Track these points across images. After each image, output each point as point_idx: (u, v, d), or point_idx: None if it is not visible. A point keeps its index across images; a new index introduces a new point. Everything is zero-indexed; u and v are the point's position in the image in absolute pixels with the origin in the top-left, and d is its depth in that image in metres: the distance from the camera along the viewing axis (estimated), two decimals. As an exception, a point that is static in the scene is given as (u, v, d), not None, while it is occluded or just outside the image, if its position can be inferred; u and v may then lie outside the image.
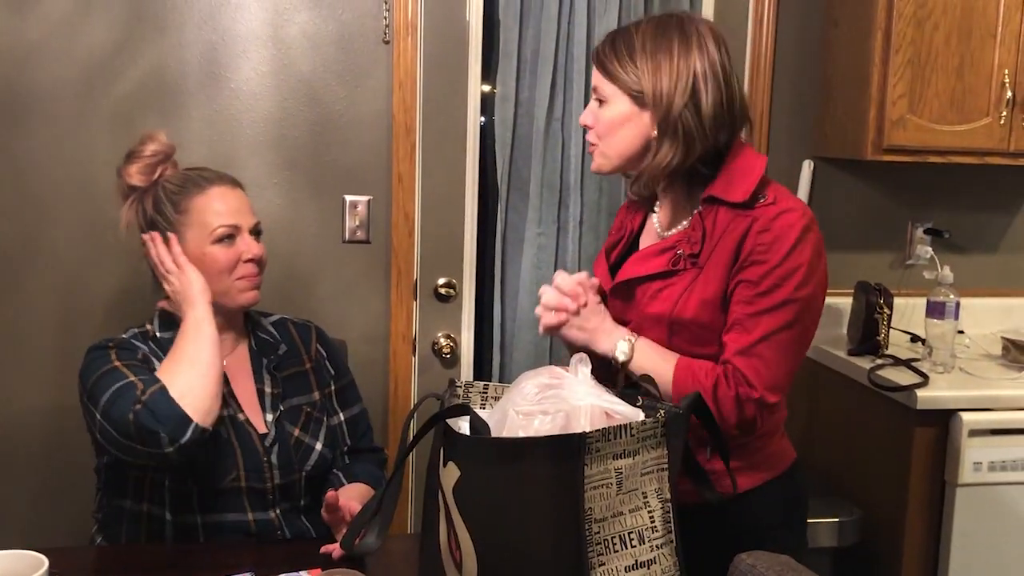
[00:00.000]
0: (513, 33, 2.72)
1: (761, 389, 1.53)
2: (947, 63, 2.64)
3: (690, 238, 1.62)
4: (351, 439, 1.99)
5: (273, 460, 1.80)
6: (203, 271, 1.78)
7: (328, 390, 1.98)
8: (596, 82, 1.65)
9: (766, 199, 1.58)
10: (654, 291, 1.63)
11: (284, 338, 1.96)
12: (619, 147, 1.64)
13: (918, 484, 2.43)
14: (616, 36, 1.65)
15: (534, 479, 1.17)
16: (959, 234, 3.01)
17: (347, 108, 2.61)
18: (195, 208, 1.81)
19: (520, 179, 2.81)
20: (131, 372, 1.68)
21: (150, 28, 2.49)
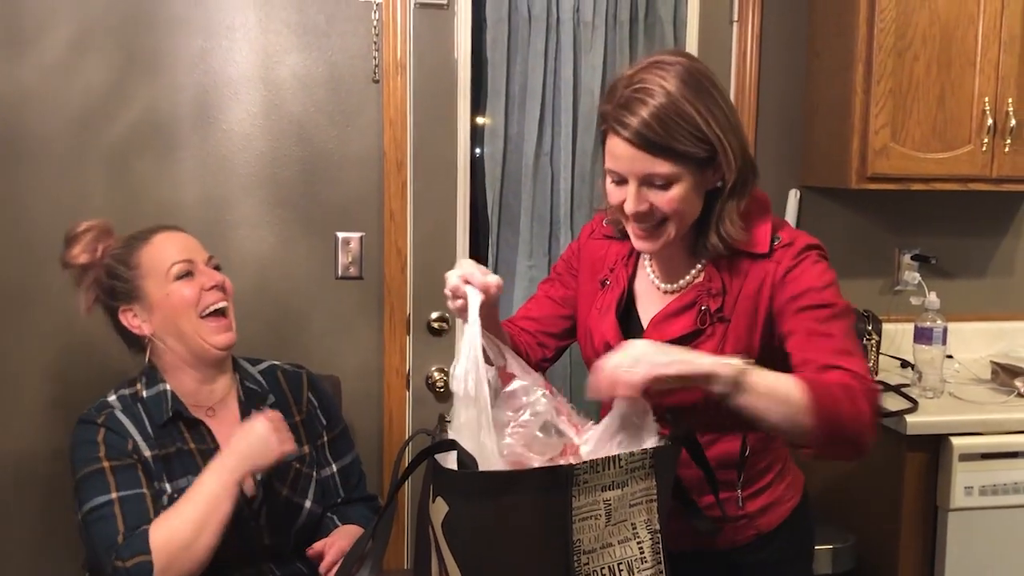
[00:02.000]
0: (501, 70, 2.77)
1: (870, 380, 1.38)
2: (928, 92, 2.68)
3: (710, 291, 1.52)
4: (344, 491, 1.97)
5: (262, 523, 1.80)
6: (170, 311, 1.80)
7: (320, 442, 1.96)
8: (650, 167, 1.41)
9: (781, 241, 1.51)
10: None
11: (273, 388, 1.95)
12: (692, 216, 1.48)
13: (910, 509, 2.44)
14: (655, 111, 1.40)
15: (522, 512, 1.19)
16: (945, 260, 3.04)
17: (338, 147, 2.64)
18: (145, 258, 1.84)
19: (510, 213, 2.84)
20: (116, 484, 1.68)
21: (142, 71, 2.52)
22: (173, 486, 1.74)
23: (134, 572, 1.60)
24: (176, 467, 1.76)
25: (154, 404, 1.79)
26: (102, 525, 1.65)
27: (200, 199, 2.58)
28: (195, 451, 1.79)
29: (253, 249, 2.61)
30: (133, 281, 1.83)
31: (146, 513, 1.67)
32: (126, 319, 1.84)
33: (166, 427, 1.78)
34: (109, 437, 1.73)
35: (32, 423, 2.53)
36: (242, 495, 1.78)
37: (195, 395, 1.84)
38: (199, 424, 1.81)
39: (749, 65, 2.87)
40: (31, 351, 2.52)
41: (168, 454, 1.76)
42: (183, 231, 1.93)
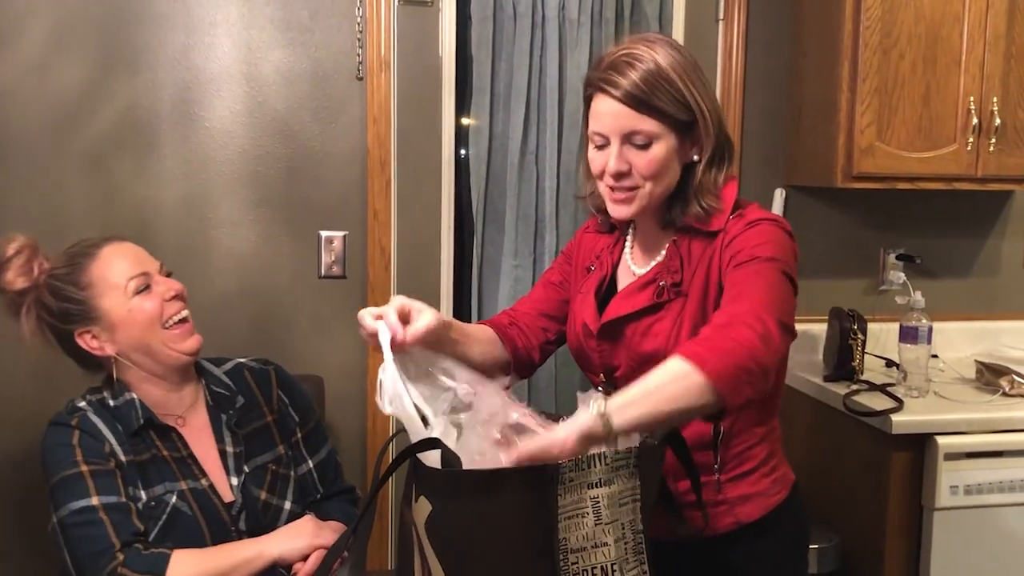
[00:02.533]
0: (486, 68, 2.76)
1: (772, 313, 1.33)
2: (914, 91, 2.68)
3: (669, 268, 1.58)
4: (322, 486, 1.94)
5: (242, 527, 1.77)
6: (134, 327, 1.74)
7: (294, 439, 1.93)
8: (634, 124, 1.48)
9: (735, 215, 1.56)
10: (644, 328, 1.57)
11: (241, 388, 1.91)
12: (667, 183, 1.54)
13: (895, 509, 2.44)
14: (640, 70, 1.47)
15: (506, 510, 1.17)
16: (930, 259, 3.04)
17: (322, 144, 2.62)
18: (97, 275, 1.76)
19: (495, 212, 2.83)
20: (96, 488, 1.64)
21: (123, 68, 2.50)
22: (149, 493, 1.70)
23: None
24: (152, 474, 1.72)
25: (123, 413, 1.75)
26: (87, 529, 1.62)
27: (181, 198, 2.55)
28: (169, 458, 1.75)
29: (235, 248, 2.59)
30: (88, 302, 1.74)
31: (133, 524, 1.64)
32: (84, 341, 1.76)
33: (138, 434, 1.74)
34: (84, 440, 1.69)
35: (8, 426, 2.50)
36: (219, 499, 1.76)
37: (164, 405, 1.80)
38: (170, 431, 1.78)
39: (735, 63, 2.86)
40: (10, 351, 2.49)
41: (143, 460, 1.72)
42: (128, 241, 1.84)
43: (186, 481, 1.74)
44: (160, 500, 1.70)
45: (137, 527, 1.64)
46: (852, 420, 2.52)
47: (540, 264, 2.84)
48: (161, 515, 1.69)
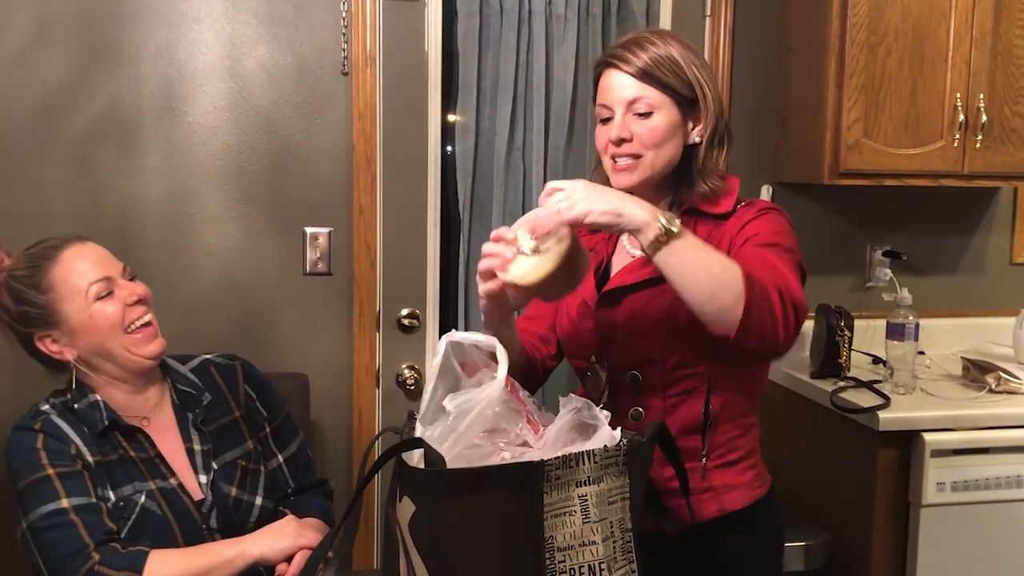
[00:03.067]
0: (472, 63, 2.74)
1: (795, 294, 1.41)
2: (900, 88, 2.68)
3: None
4: (293, 480, 1.92)
5: (213, 525, 1.74)
6: (95, 333, 1.71)
7: (263, 433, 1.90)
8: (637, 93, 1.56)
9: (744, 203, 1.65)
10: (646, 300, 1.60)
11: (207, 385, 1.87)
12: (667, 156, 1.60)
13: (882, 506, 2.43)
14: (647, 46, 1.58)
15: (491, 509, 1.16)
16: (917, 256, 3.04)
17: (306, 140, 2.60)
18: (58, 279, 1.71)
19: (482, 208, 2.81)
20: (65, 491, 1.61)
21: (105, 62, 2.47)
22: (117, 494, 1.68)
23: None
24: (119, 475, 1.70)
25: (87, 415, 1.72)
26: (59, 532, 1.59)
27: (164, 194, 2.53)
28: (136, 459, 1.73)
29: (219, 244, 2.57)
30: (48, 306, 1.70)
31: (105, 524, 1.62)
32: (44, 345, 1.73)
33: (104, 435, 1.71)
34: (49, 443, 1.66)
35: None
36: (188, 497, 1.73)
37: (127, 407, 1.77)
38: (136, 432, 1.75)
39: (722, 60, 2.85)
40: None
41: (110, 461, 1.70)
42: (91, 241, 1.79)
43: (154, 481, 1.71)
44: (129, 500, 1.68)
45: (110, 527, 1.62)
46: (839, 417, 2.51)
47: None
48: (131, 515, 1.67)
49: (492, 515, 1.17)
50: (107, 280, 1.73)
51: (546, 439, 1.34)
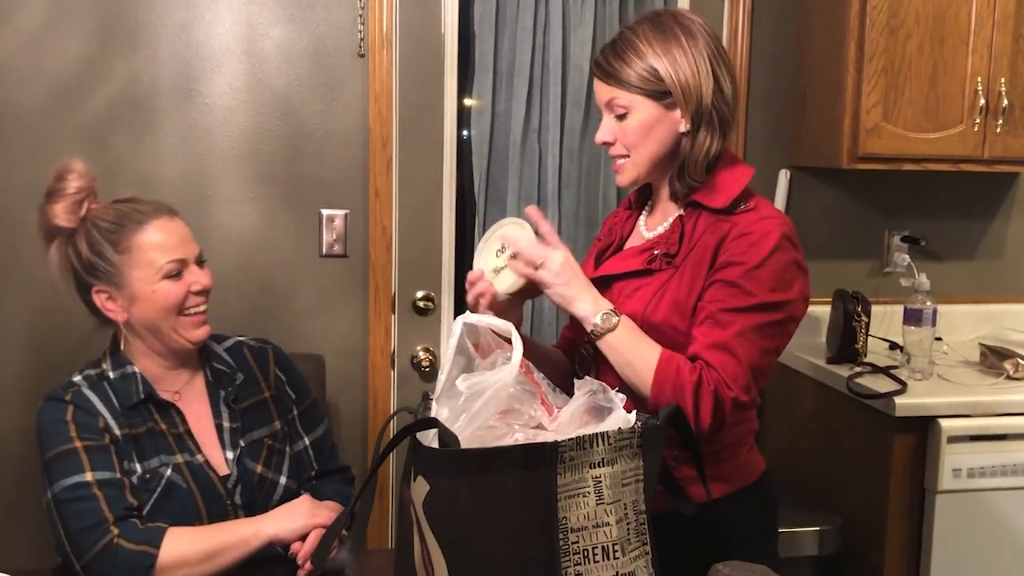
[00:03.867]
0: (488, 45, 2.73)
1: (736, 388, 1.49)
2: (920, 71, 2.65)
3: (668, 239, 1.62)
4: (317, 463, 1.93)
5: (237, 501, 1.76)
6: (152, 308, 1.72)
7: (290, 416, 1.92)
8: (608, 95, 1.59)
9: (747, 206, 1.59)
10: (631, 290, 1.62)
11: (240, 365, 1.89)
12: (652, 152, 1.60)
13: (898, 492, 2.42)
14: (616, 44, 1.60)
15: (504, 489, 1.16)
16: (935, 241, 3.02)
17: (323, 122, 2.60)
18: (136, 246, 1.72)
19: (497, 191, 2.81)
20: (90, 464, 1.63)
21: (122, 43, 2.47)
22: (144, 466, 1.69)
23: (134, 556, 1.57)
24: (147, 447, 1.71)
25: (122, 385, 1.73)
26: (81, 505, 1.61)
27: (181, 175, 2.54)
28: (166, 432, 1.74)
29: (235, 226, 2.57)
30: (119, 267, 1.71)
31: (127, 499, 1.63)
32: (99, 300, 1.74)
33: (136, 408, 1.73)
34: (78, 415, 1.68)
35: (7, 398, 2.49)
36: (214, 472, 1.75)
37: (161, 380, 1.78)
38: (170, 406, 1.77)
39: (740, 42, 2.83)
40: (9, 328, 2.48)
41: (138, 434, 1.71)
42: (179, 217, 1.80)
43: (182, 455, 1.73)
44: (155, 472, 1.70)
45: (131, 502, 1.64)
46: (855, 402, 2.50)
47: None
48: (156, 487, 1.69)
49: (506, 495, 1.16)
50: (181, 262, 1.74)
51: (560, 421, 1.34)
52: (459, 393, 1.26)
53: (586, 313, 1.54)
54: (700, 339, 1.52)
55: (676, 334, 1.56)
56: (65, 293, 1.78)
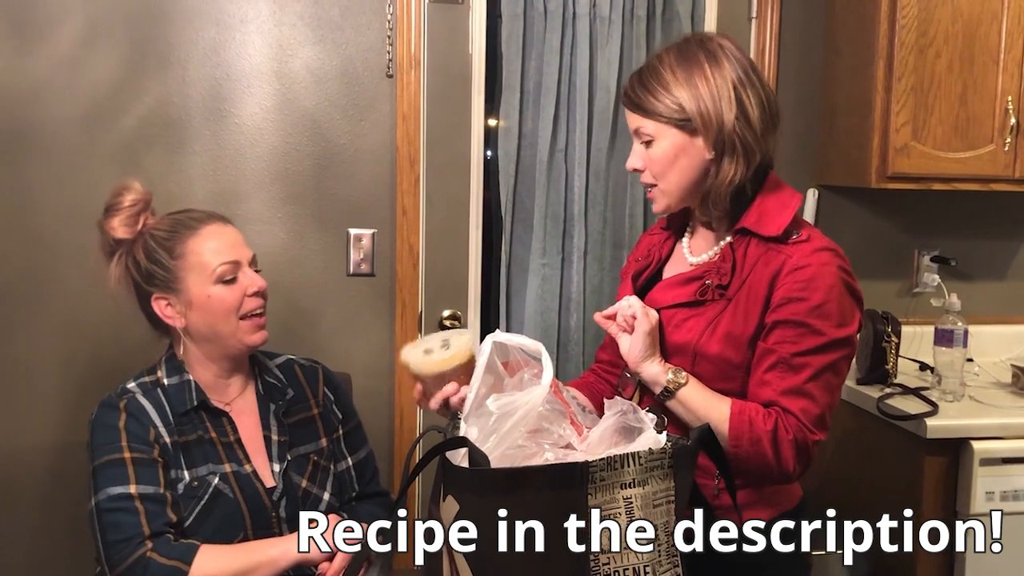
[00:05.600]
0: (515, 65, 2.74)
1: (818, 431, 1.50)
2: (950, 90, 2.64)
3: (719, 269, 1.58)
4: (359, 485, 1.95)
5: (281, 514, 1.77)
6: (211, 314, 1.76)
7: (336, 435, 1.94)
8: (636, 124, 1.59)
9: (799, 236, 1.56)
10: (679, 320, 1.60)
11: (291, 381, 1.93)
12: (679, 181, 1.58)
13: (929, 514, 2.39)
14: (642, 73, 1.60)
15: (535, 509, 1.16)
16: (966, 261, 2.99)
17: (351, 142, 2.62)
18: (190, 250, 1.77)
19: (524, 210, 2.81)
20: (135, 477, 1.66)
21: (154, 64, 2.50)
22: (192, 473, 1.72)
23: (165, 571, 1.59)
24: (196, 454, 1.74)
25: (176, 393, 1.77)
26: (120, 516, 1.63)
27: (211, 194, 2.56)
28: (216, 440, 1.77)
29: (264, 245, 2.59)
30: (175, 272, 1.76)
31: (166, 515, 1.66)
32: (159, 307, 1.79)
33: (187, 415, 1.76)
34: (130, 424, 1.71)
35: (44, 417, 2.52)
36: (260, 484, 1.76)
37: (213, 389, 1.82)
38: (222, 415, 1.80)
39: (767, 62, 2.83)
40: (43, 345, 2.51)
41: (188, 441, 1.74)
42: (231, 224, 1.85)
43: (230, 464, 1.75)
44: (203, 480, 1.72)
45: (170, 518, 1.65)
46: (885, 424, 2.48)
47: (568, 263, 2.82)
48: (203, 495, 1.71)
49: (536, 515, 1.16)
50: (235, 264, 1.78)
51: (590, 441, 1.34)
52: (489, 412, 1.26)
53: (656, 372, 1.54)
54: (774, 384, 1.51)
55: (729, 367, 1.55)
56: (109, 317, 1.82)
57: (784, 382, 1.50)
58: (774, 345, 1.51)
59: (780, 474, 1.50)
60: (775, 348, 1.51)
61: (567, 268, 2.83)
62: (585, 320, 2.85)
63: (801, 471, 1.52)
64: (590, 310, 2.85)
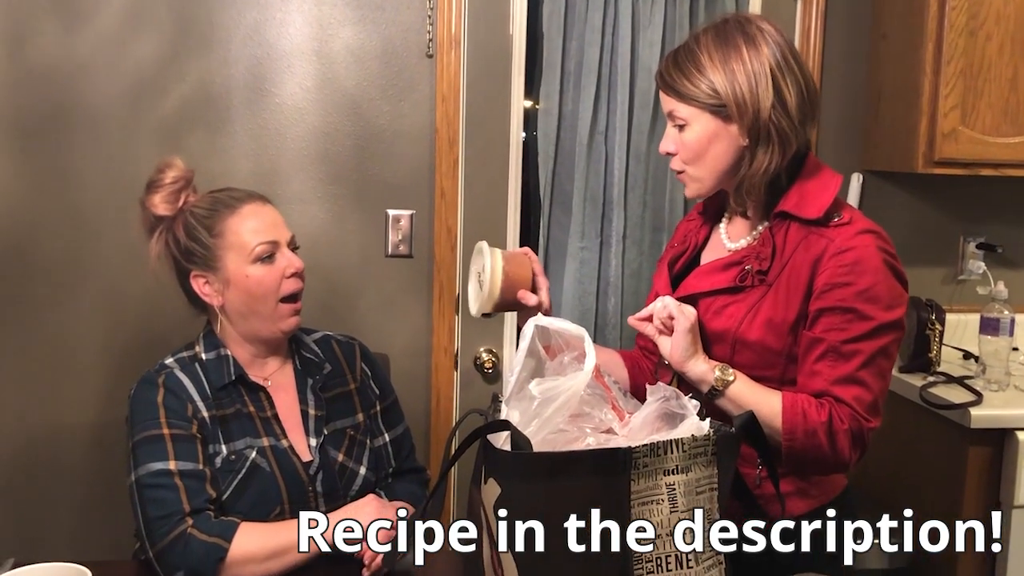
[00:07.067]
0: (556, 45, 2.71)
1: (873, 419, 1.48)
2: (1000, 74, 2.58)
3: (759, 254, 1.55)
4: (395, 461, 1.95)
5: (318, 488, 1.78)
6: (248, 294, 1.76)
7: (373, 411, 1.94)
8: (669, 107, 1.55)
9: (841, 218, 1.52)
10: (719, 307, 1.57)
11: (328, 357, 1.93)
12: (712, 166, 1.55)
13: (971, 505, 2.36)
14: (678, 55, 1.55)
15: (577, 494, 1.15)
16: (1013, 248, 2.94)
17: (391, 122, 2.61)
18: (230, 229, 1.77)
19: (563, 193, 2.79)
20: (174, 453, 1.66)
21: (196, 44, 2.51)
22: (230, 447, 1.73)
23: (205, 547, 1.59)
24: (234, 428, 1.75)
25: (214, 367, 1.78)
26: (160, 492, 1.64)
27: (252, 174, 2.56)
28: (254, 415, 1.77)
29: (304, 225, 2.59)
30: (213, 250, 1.77)
31: (206, 491, 1.66)
32: (197, 285, 1.79)
33: (225, 389, 1.77)
34: (169, 400, 1.72)
35: (85, 394, 2.55)
36: (297, 458, 1.77)
37: (251, 366, 1.83)
38: (259, 389, 1.80)
39: (813, 44, 2.78)
40: (85, 322, 2.54)
41: (226, 415, 1.75)
42: (270, 204, 1.85)
43: (268, 438, 1.76)
44: (240, 455, 1.73)
45: (210, 494, 1.66)
46: (928, 413, 2.44)
47: (607, 246, 2.80)
48: (241, 469, 1.72)
49: (579, 500, 1.15)
50: (273, 244, 1.78)
51: (631, 426, 1.33)
52: (531, 396, 1.25)
53: (702, 372, 1.51)
54: (825, 374, 1.48)
55: (770, 354, 1.53)
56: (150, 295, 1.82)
57: (835, 371, 1.47)
58: (822, 333, 1.48)
59: (837, 464, 1.48)
60: (823, 336, 1.48)
61: (606, 252, 2.81)
62: (623, 304, 2.83)
63: (858, 459, 1.50)
64: (628, 294, 2.83)
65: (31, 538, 2.56)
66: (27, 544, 2.54)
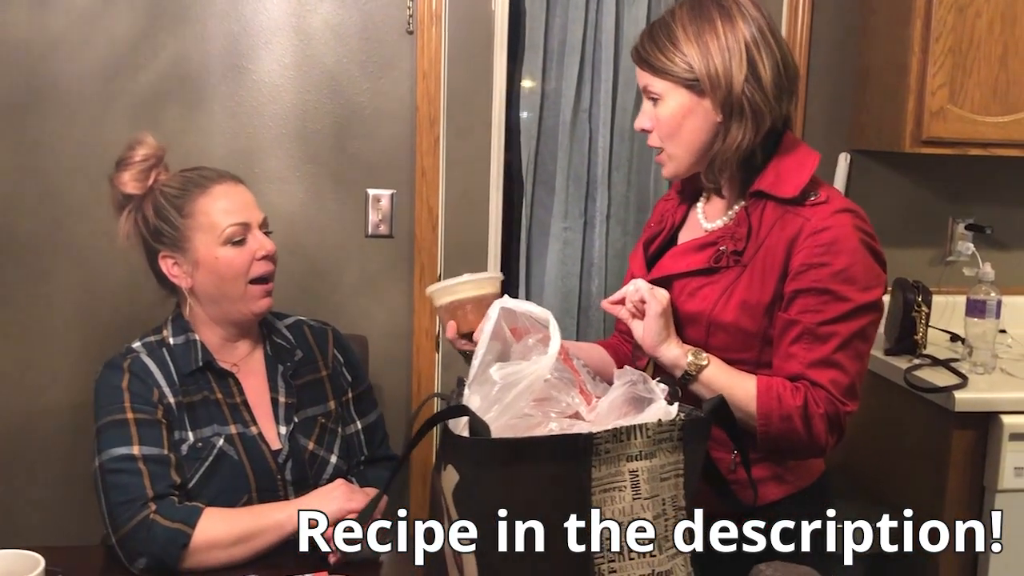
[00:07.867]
0: (540, 23, 2.68)
1: (849, 402, 1.46)
2: (990, 52, 2.54)
3: (734, 235, 1.53)
4: (367, 449, 1.93)
5: (287, 477, 1.76)
6: (217, 276, 1.73)
7: (345, 398, 1.91)
8: (644, 82, 1.53)
9: (818, 197, 1.49)
10: (693, 288, 1.55)
11: (300, 343, 1.90)
12: (688, 143, 1.52)
13: (956, 489, 2.34)
14: (653, 29, 1.54)
15: (536, 481, 1.12)
16: (1001, 230, 2.90)
17: (370, 100, 2.57)
18: (200, 209, 1.74)
19: (546, 172, 2.76)
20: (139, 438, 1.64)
21: (172, 19, 2.46)
22: (197, 434, 1.70)
23: (168, 534, 1.57)
24: (201, 415, 1.72)
25: (182, 352, 1.75)
26: (123, 477, 1.62)
27: (228, 152, 2.52)
28: (222, 401, 1.75)
29: (282, 204, 2.56)
30: (183, 230, 1.74)
31: (170, 477, 1.64)
32: (166, 266, 1.76)
33: (193, 375, 1.74)
34: (134, 384, 1.69)
35: (58, 373, 2.52)
36: (267, 446, 1.74)
37: (220, 350, 1.80)
38: (228, 375, 1.78)
39: (800, 21, 2.74)
40: (56, 303, 2.50)
41: (193, 402, 1.72)
42: (242, 184, 1.82)
43: (236, 425, 1.74)
44: (207, 442, 1.70)
45: (174, 480, 1.64)
46: (913, 396, 2.42)
47: (591, 227, 2.77)
48: (207, 456, 1.69)
49: (538, 487, 1.12)
50: (244, 226, 1.75)
51: (599, 411, 1.30)
52: (492, 381, 1.22)
53: (675, 356, 1.48)
54: (800, 356, 1.46)
55: (745, 336, 1.51)
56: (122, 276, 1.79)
57: (811, 353, 1.45)
58: (797, 315, 1.46)
59: (813, 449, 1.47)
60: (799, 318, 1.46)
61: (589, 232, 2.78)
62: (607, 285, 2.80)
63: (835, 443, 1.48)
64: (612, 275, 2.80)
65: (2, 523, 2.53)
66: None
